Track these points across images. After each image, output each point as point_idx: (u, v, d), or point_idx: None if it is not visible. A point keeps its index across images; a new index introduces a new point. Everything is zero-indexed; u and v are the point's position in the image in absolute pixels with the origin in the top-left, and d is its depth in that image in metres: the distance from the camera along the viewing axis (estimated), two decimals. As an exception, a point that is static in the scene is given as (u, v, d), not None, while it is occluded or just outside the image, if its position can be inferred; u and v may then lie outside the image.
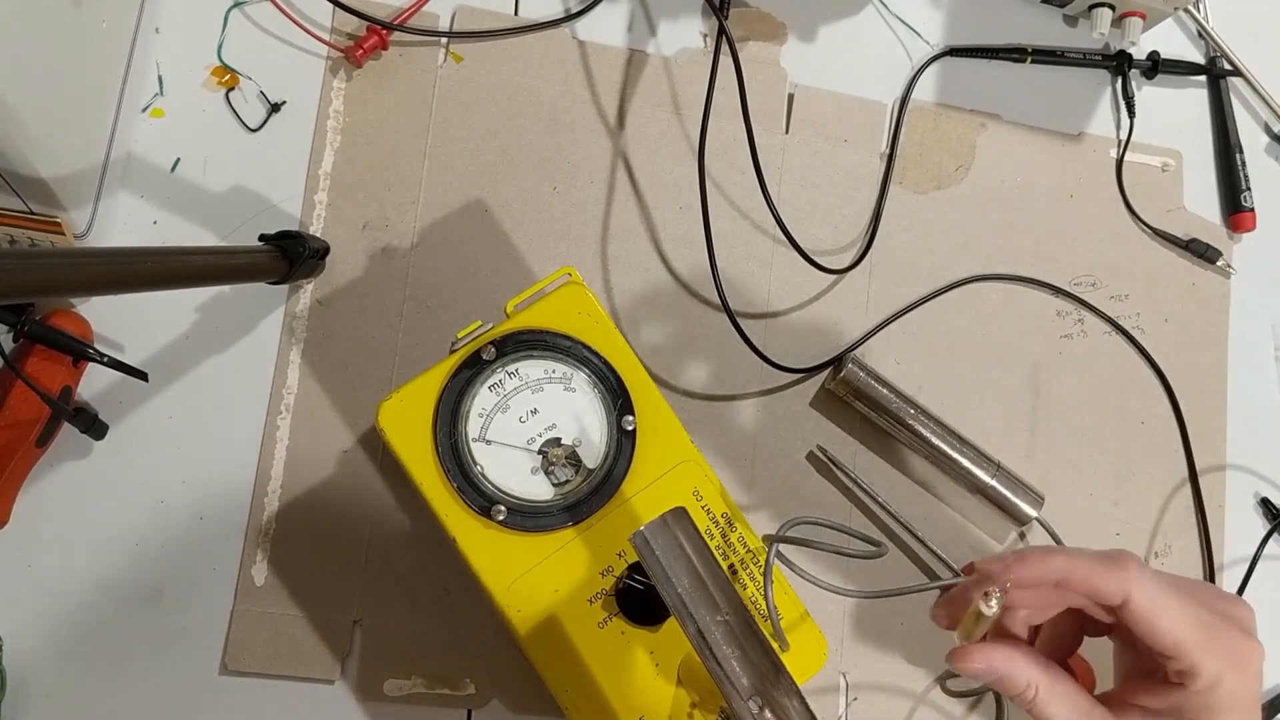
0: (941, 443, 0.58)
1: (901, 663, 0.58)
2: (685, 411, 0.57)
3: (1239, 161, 0.66)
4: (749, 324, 0.58)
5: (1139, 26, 0.63)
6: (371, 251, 0.56)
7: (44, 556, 0.51)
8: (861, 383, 0.57)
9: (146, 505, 0.52)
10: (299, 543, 0.53)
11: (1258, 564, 0.61)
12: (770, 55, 0.62)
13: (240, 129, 0.56)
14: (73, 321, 0.51)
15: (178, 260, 0.43)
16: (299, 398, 0.54)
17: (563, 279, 0.49)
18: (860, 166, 0.62)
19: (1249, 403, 0.65)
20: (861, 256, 0.61)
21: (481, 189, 0.58)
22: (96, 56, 0.50)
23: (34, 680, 0.50)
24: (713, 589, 0.38)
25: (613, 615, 0.45)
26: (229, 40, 0.56)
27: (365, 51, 0.56)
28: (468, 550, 0.45)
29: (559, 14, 0.60)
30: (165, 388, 0.53)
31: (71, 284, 0.37)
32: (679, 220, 0.59)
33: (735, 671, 0.36)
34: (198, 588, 0.52)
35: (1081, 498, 0.62)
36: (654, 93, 0.60)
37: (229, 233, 0.55)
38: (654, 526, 0.38)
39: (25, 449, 0.49)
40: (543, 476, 0.47)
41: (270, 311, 0.55)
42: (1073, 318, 0.63)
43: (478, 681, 0.53)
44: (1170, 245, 0.66)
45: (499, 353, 0.47)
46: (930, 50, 0.65)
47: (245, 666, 0.51)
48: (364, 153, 0.57)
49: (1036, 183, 0.65)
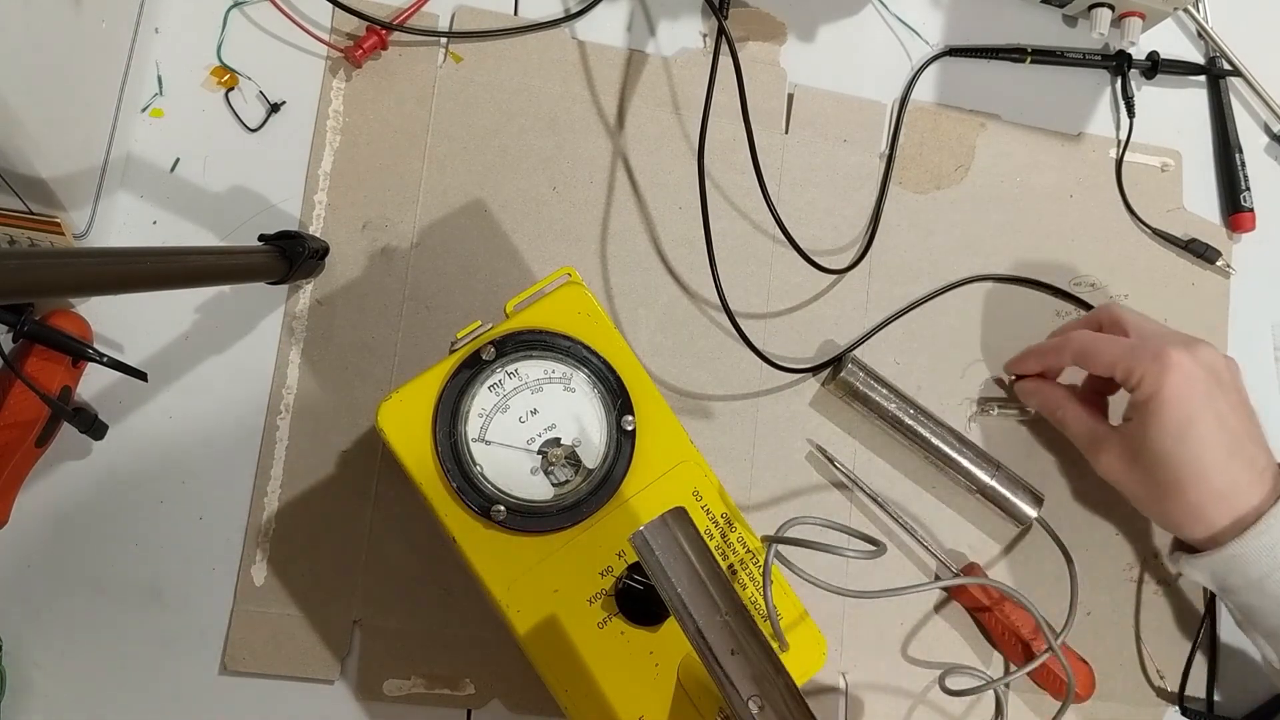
0: (941, 443, 0.58)
1: (901, 663, 0.58)
2: (685, 411, 0.58)
3: (1238, 161, 0.66)
4: (749, 324, 0.58)
5: (1138, 26, 0.63)
6: (371, 251, 0.56)
7: (44, 556, 0.51)
8: (861, 383, 0.57)
9: (146, 505, 0.52)
10: (299, 543, 0.53)
11: (1257, 564, 0.61)
12: (770, 55, 0.62)
13: (240, 129, 0.56)
14: (72, 321, 0.51)
15: (177, 260, 0.43)
16: (298, 398, 0.54)
17: (562, 279, 0.49)
18: (860, 166, 0.62)
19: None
20: (861, 256, 0.61)
21: (481, 189, 0.58)
22: (96, 56, 0.50)
23: (34, 680, 0.50)
24: (712, 589, 0.38)
25: (612, 615, 0.45)
26: (228, 40, 0.56)
27: (365, 51, 0.56)
28: (467, 550, 0.45)
29: (558, 14, 0.60)
30: (165, 388, 0.53)
31: (71, 284, 0.37)
32: (678, 220, 0.59)
33: (735, 671, 0.36)
34: (197, 588, 0.52)
35: (1081, 497, 0.62)
36: (654, 93, 0.60)
37: (228, 233, 0.55)
38: (653, 527, 0.38)
39: (25, 449, 0.49)
40: (542, 477, 0.47)
41: (270, 311, 0.55)
42: (1072, 318, 0.63)
43: (477, 681, 0.53)
44: (1170, 245, 0.66)
45: (499, 353, 0.47)
46: (930, 50, 0.65)
47: (245, 666, 0.51)
48: (363, 153, 0.57)
49: (1036, 183, 0.65)
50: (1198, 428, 0.47)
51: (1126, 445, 0.51)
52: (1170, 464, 0.48)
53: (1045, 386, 0.57)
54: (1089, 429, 0.53)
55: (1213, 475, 0.47)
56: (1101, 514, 0.62)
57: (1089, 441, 0.53)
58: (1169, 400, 0.47)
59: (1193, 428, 0.47)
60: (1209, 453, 0.47)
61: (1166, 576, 0.62)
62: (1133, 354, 0.49)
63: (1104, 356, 0.51)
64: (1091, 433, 0.53)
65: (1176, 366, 0.48)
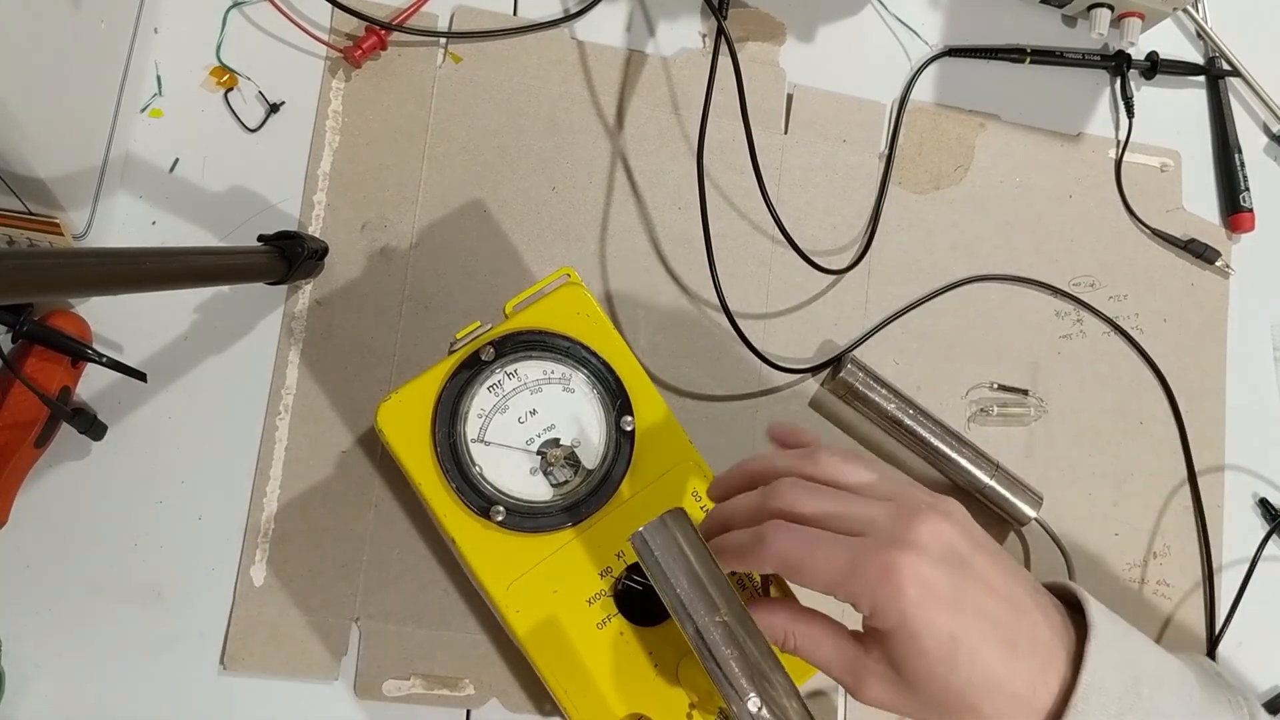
0: (940, 443, 0.58)
1: (900, 663, 0.58)
2: (684, 412, 0.57)
3: (1238, 162, 0.66)
4: (748, 324, 0.58)
5: (1138, 27, 0.63)
6: (370, 252, 0.56)
7: (43, 557, 0.51)
8: (860, 383, 0.57)
9: (145, 505, 0.52)
10: (298, 543, 0.53)
11: (1257, 565, 0.61)
12: (769, 55, 0.62)
13: (239, 129, 0.56)
14: (71, 322, 0.51)
15: (176, 260, 0.43)
16: (298, 398, 0.54)
17: (561, 279, 0.49)
18: (859, 167, 0.62)
19: (1248, 403, 0.65)
20: (860, 257, 0.61)
21: (480, 189, 0.58)
22: (95, 57, 0.50)
23: (34, 680, 0.50)
24: (711, 590, 0.38)
25: (612, 616, 0.46)
26: (228, 40, 0.56)
27: (364, 52, 0.56)
28: (467, 551, 0.45)
29: (558, 14, 0.60)
30: (164, 388, 0.53)
31: (70, 284, 0.37)
32: (678, 220, 0.59)
33: (734, 672, 0.36)
34: (197, 588, 0.52)
35: (1080, 498, 0.62)
36: (653, 93, 0.60)
37: (228, 233, 0.55)
38: (653, 527, 0.38)
39: (24, 449, 0.49)
40: (541, 477, 0.47)
41: (269, 312, 0.55)
42: (1071, 318, 0.64)
43: (477, 681, 0.53)
44: (1169, 245, 0.66)
45: (498, 353, 0.47)
46: (929, 50, 0.65)
47: (244, 666, 0.51)
48: (363, 153, 0.57)
49: (1035, 183, 0.65)
50: (966, 643, 0.37)
51: (889, 676, 0.39)
52: (951, 690, 0.37)
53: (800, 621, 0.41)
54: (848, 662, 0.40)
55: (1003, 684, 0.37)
56: (1101, 514, 0.62)
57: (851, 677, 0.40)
58: (919, 630, 0.36)
59: (960, 646, 0.37)
60: (989, 664, 0.37)
61: (1166, 577, 0.62)
62: (853, 574, 0.37)
63: (818, 576, 0.38)
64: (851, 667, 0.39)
65: (912, 581, 0.36)
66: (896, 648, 0.37)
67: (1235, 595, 0.61)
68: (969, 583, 0.38)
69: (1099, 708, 0.37)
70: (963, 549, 0.38)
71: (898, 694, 0.39)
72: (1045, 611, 0.39)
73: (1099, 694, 0.37)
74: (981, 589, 0.38)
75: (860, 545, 0.37)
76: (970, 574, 0.38)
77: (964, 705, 0.37)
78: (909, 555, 0.37)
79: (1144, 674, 0.38)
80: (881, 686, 0.39)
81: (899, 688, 0.39)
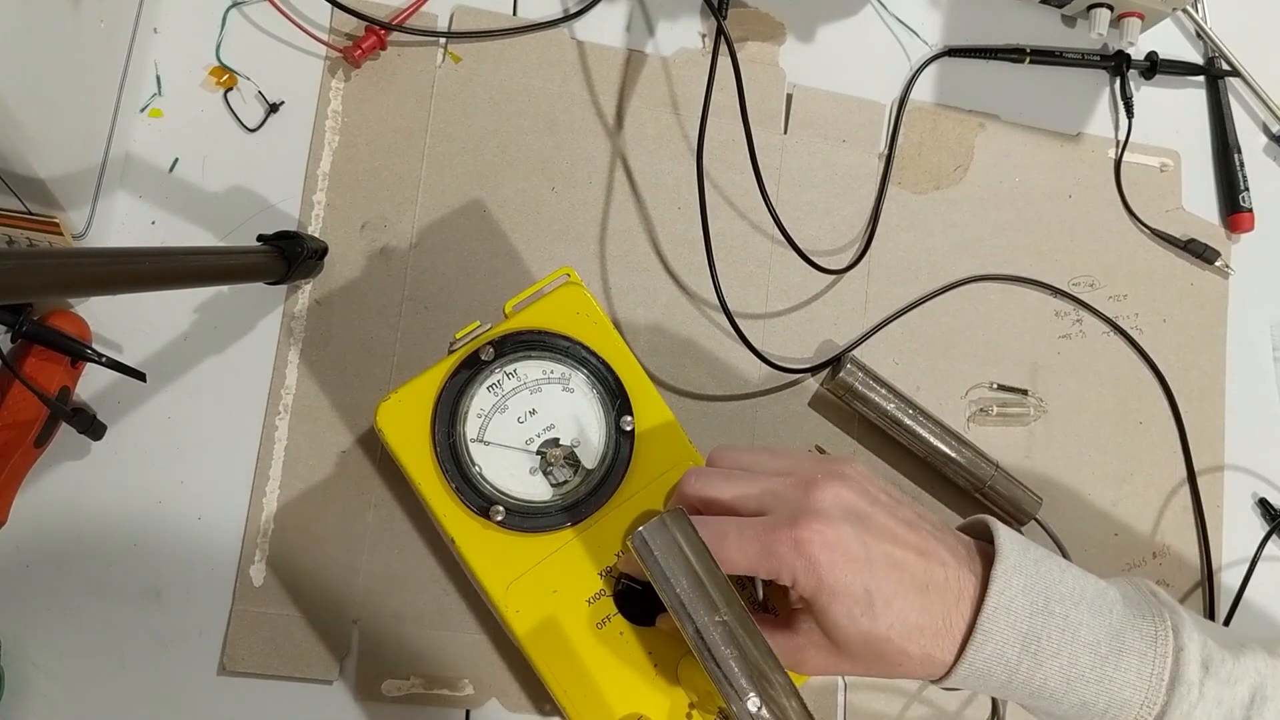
0: (940, 443, 0.58)
1: (900, 663, 0.58)
2: (683, 412, 0.57)
3: (1237, 162, 0.66)
4: (747, 324, 0.58)
5: (1137, 27, 0.63)
6: (370, 252, 0.56)
7: (43, 556, 0.51)
8: (860, 383, 0.57)
9: (144, 505, 0.52)
10: (297, 543, 0.53)
11: (1257, 565, 0.61)
12: (769, 55, 0.62)
13: (238, 129, 0.56)
14: (71, 321, 0.51)
15: (176, 260, 0.43)
16: (297, 398, 0.54)
17: (561, 279, 0.49)
18: (859, 167, 0.62)
19: (1247, 403, 0.65)
20: (860, 257, 0.61)
21: (480, 189, 0.58)
22: (94, 56, 0.50)
23: (33, 680, 0.50)
24: (711, 590, 0.38)
25: (611, 615, 0.46)
26: (227, 40, 0.56)
27: (364, 52, 0.56)
28: (466, 551, 0.45)
29: (557, 14, 0.60)
30: (163, 388, 0.53)
31: (69, 284, 0.37)
32: (677, 220, 0.59)
33: (733, 672, 0.37)
34: (196, 588, 0.52)
35: (1080, 498, 0.62)
36: (652, 93, 0.60)
37: (227, 233, 0.55)
38: (653, 527, 0.38)
39: (23, 449, 0.49)
40: (541, 477, 0.47)
41: (268, 312, 0.55)
42: (1071, 318, 0.64)
43: (476, 682, 0.53)
44: (1169, 245, 0.66)
45: (497, 353, 0.47)
46: (929, 50, 0.65)
47: (243, 667, 0.51)
48: (362, 153, 0.57)
49: (1035, 183, 0.65)
50: (880, 593, 0.39)
51: (822, 642, 0.41)
52: (877, 639, 0.39)
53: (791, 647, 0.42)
54: (782, 646, 0.42)
55: (922, 624, 0.39)
56: (1101, 514, 0.62)
57: (790, 659, 0.42)
58: (837, 589, 0.39)
59: (876, 597, 0.39)
60: (906, 608, 0.39)
61: (1166, 577, 0.62)
62: (769, 555, 0.39)
63: (737, 563, 0.40)
64: (786, 649, 0.42)
65: (821, 547, 0.38)
66: (822, 611, 0.39)
67: (1235, 595, 0.61)
68: (873, 537, 0.40)
69: (1008, 626, 0.39)
70: (862, 507, 0.40)
71: (835, 657, 0.41)
72: (953, 549, 0.41)
73: (1007, 614, 0.39)
74: (887, 540, 0.40)
75: (767, 525, 0.40)
76: (873, 528, 0.40)
77: (892, 651, 0.40)
78: (814, 524, 0.39)
79: (1058, 594, 0.40)
80: (819, 654, 0.41)
81: (833, 651, 0.41)
